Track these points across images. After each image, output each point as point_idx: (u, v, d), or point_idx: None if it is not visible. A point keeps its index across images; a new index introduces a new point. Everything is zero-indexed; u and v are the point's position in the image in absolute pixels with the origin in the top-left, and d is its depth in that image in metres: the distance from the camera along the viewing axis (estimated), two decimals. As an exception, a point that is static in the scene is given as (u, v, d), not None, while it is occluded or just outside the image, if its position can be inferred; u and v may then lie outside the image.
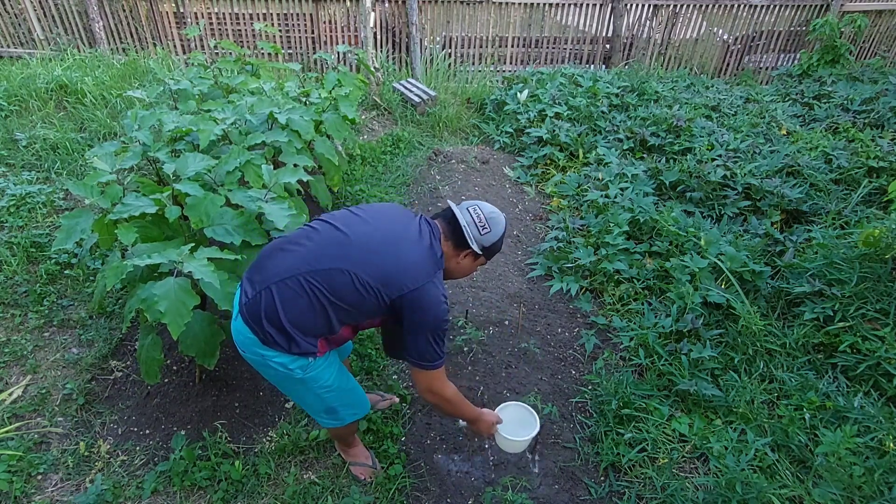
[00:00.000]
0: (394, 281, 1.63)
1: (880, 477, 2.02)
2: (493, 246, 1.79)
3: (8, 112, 4.47)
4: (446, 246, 1.77)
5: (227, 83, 3.31)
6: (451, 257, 1.79)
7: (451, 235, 1.77)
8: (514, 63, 6.67)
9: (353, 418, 1.96)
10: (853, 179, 3.88)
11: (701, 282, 2.96)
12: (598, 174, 4.09)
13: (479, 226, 1.75)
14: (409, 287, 1.62)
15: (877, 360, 2.47)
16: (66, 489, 2.17)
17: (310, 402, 1.87)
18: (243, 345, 1.73)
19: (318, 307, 1.63)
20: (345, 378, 1.89)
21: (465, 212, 1.77)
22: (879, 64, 6.45)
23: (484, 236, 1.75)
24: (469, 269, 1.84)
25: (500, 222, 1.79)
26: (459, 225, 1.74)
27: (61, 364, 2.67)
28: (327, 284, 1.62)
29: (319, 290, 1.62)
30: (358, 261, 1.63)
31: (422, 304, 1.64)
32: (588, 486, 2.26)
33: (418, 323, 1.66)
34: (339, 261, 1.63)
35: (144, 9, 5.89)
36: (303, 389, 1.80)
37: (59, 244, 2.09)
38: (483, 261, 1.84)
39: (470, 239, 1.74)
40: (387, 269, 1.63)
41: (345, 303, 1.64)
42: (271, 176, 2.31)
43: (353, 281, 1.62)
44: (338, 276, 1.62)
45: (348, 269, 1.62)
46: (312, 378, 1.75)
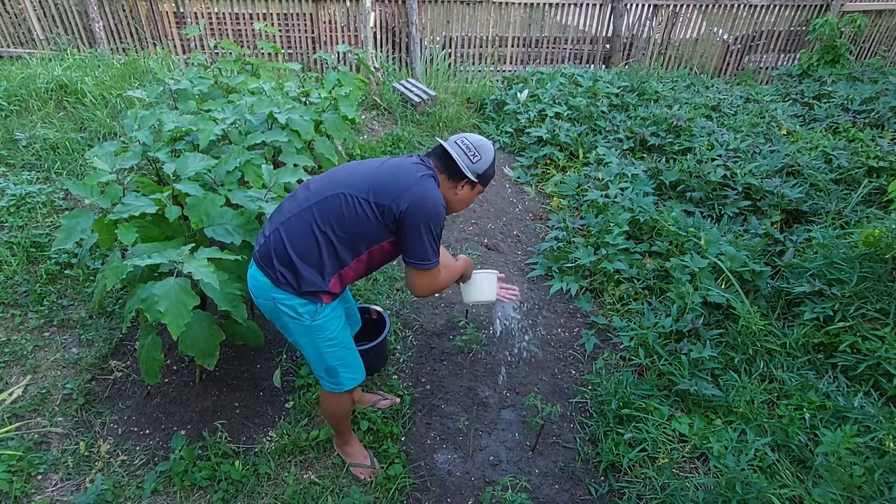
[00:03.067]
0: (385, 188, 1.72)
1: (880, 477, 2.02)
2: (487, 172, 1.86)
3: (8, 112, 4.47)
4: (442, 179, 1.84)
5: (227, 83, 3.31)
6: (448, 189, 1.86)
7: (445, 169, 1.84)
8: (514, 63, 6.67)
9: (352, 383, 2.00)
10: (853, 179, 3.88)
11: (701, 282, 2.96)
12: (598, 174, 4.09)
13: (469, 155, 1.82)
14: (403, 187, 1.71)
15: (877, 360, 2.47)
16: (66, 489, 2.17)
17: (313, 357, 1.93)
18: (257, 289, 1.82)
19: (323, 239, 1.73)
20: (347, 336, 1.97)
21: (454, 144, 1.84)
22: (879, 64, 6.45)
23: (476, 164, 1.83)
24: (469, 198, 1.92)
25: (489, 148, 1.86)
26: (452, 158, 1.81)
27: (61, 364, 2.67)
28: (326, 212, 1.73)
29: (322, 219, 1.72)
30: (350, 183, 1.75)
31: (415, 198, 1.71)
32: (588, 486, 2.26)
33: (413, 217, 1.71)
34: (333, 188, 1.75)
35: (144, 9, 5.88)
36: (308, 340, 1.86)
37: (59, 244, 2.09)
38: (480, 189, 1.92)
39: (464, 168, 1.81)
40: (378, 181, 1.74)
41: (346, 227, 1.73)
42: (271, 176, 2.31)
43: (348, 201, 1.72)
44: (333, 201, 1.73)
45: (342, 192, 1.73)
46: (318, 327, 1.83)
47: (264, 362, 2.68)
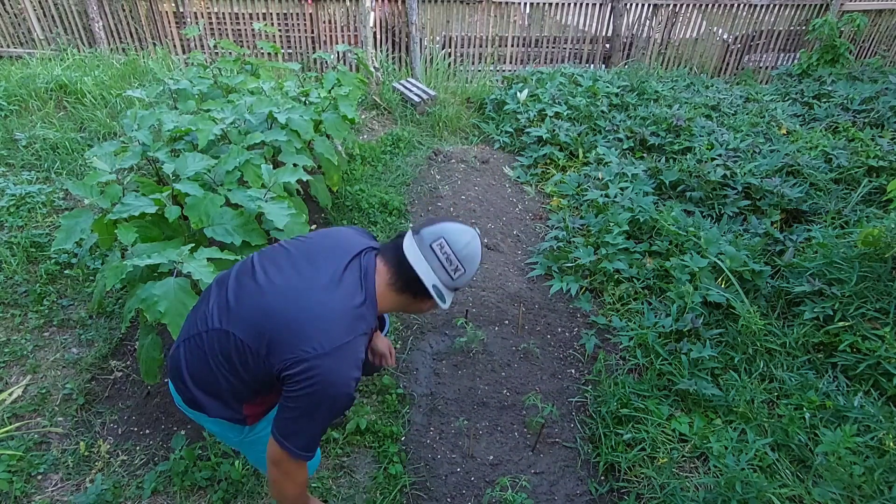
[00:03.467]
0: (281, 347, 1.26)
1: (880, 476, 2.02)
2: (466, 280, 1.40)
3: (8, 112, 4.47)
4: (396, 292, 1.39)
5: (226, 83, 3.31)
6: (406, 303, 1.43)
7: (405, 286, 1.38)
8: (513, 63, 6.66)
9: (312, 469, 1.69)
10: (853, 179, 3.88)
11: (701, 281, 2.96)
12: (598, 174, 4.09)
13: (450, 270, 1.34)
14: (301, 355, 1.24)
15: (877, 360, 2.48)
16: (66, 489, 2.17)
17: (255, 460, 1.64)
18: (177, 402, 1.51)
19: (217, 372, 1.37)
20: None
21: (429, 251, 1.33)
22: (879, 63, 6.45)
23: (457, 279, 1.36)
24: (431, 307, 1.47)
25: (476, 255, 1.37)
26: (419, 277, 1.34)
27: (61, 364, 2.67)
28: (218, 348, 1.35)
29: (215, 354, 1.36)
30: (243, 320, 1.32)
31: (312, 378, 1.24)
32: (588, 485, 2.26)
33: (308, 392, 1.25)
34: (227, 320, 1.35)
35: (144, 8, 5.88)
36: (245, 450, 1.58)
37: (58, 244, 2.09)
38: None
39: (437, 287, 1.35)
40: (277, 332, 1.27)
41: (235, 370, 1.35)
42: (271, 176, 2.31)
43: (237, 345, 1.31)
44: (224, 338, 1.34)
45: (232, 331, 1.32)
46: (255, 441, 1.53)
47: (264, 362, 2.68)
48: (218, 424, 1.49)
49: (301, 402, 1.27)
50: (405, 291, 1.39)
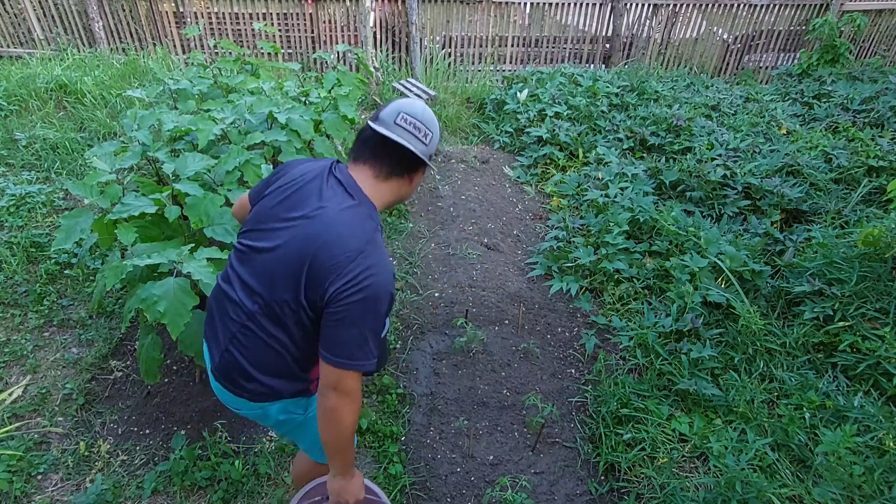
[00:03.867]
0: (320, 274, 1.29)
1: (880, 476, 2.02)
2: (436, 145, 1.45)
3: (8, 112, 4.47)
4: (390, 183, 1.43)
5: (226, 83, 3.30)
6: (402, 187, 1.46)
7: (394, 167, 1.41)
8: (513, 63, 6.66)
9: None
10: (853, 179, 3.88)
11: (701, 281, 2.96)
12: (598, 174, 4.09)
13: (420, 136, 1.39)
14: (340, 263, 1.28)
15: (877, 360, 2.48)
16: (66, 489, 2.17)
17: (310, 440, 1.67)
18: (235, 404, 1.54)
19: (283, 349, 1.41)
20: None
21: (397, 127, 1.37)
22: (879, 63, 6.44)
23: (430, 144, 1.41)
24: (418, 184, 1.53)
25: (433, 117, 1.43)
26: (399, 149, 1.38)
27: (61, 364, 2.67)
28: (271, 323, 1.38)
29: (271, 331, 1.39)
30: (276, 283, 1.35)
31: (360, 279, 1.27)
32: (588, 485, 2.26)
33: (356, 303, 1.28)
34: (262, 296, 1.37)
35: (144, 8, 5.88)
36: (302, 430, 1.62)
37: (58, 244, 2.09)
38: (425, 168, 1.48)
39: (422, 155, 1.39)
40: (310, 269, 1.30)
41: (293, 336, 1.38)
42: (271, 176, 2.31)
43: (284, 309, 1.35)
44: (270, 311, 1.37)
45: (273, 300, 1.36)
46: (313, 417, 1.56)
47: (264, 362, 2.68)
48: (285, 410, 1.52)
49: (357, 311, 1.28)
50: (391, 176, 1.42)
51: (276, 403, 1.50)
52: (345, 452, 1.42)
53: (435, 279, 3.27)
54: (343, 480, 1.47)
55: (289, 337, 1.39)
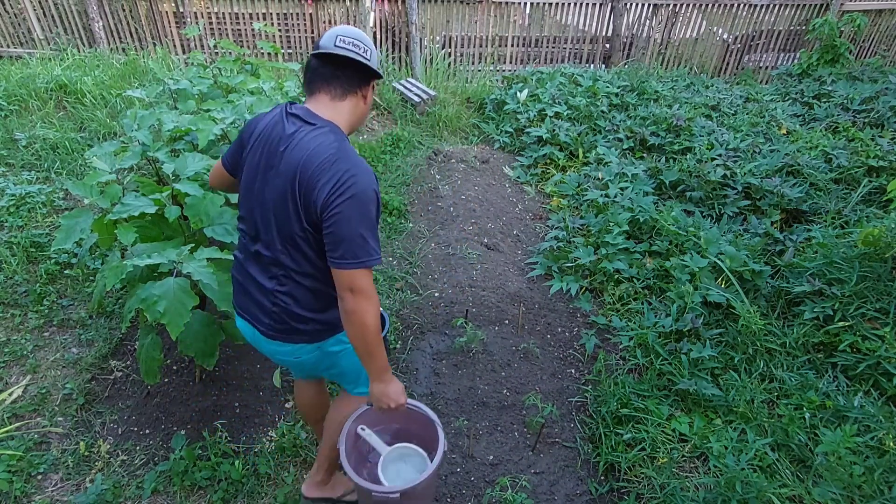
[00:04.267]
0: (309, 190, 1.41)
1: (880, 476, 2.02)
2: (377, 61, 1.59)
3: (8, 112, 4.47)
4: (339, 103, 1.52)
5: (226, 83, 3.30)
6: (359, 103, 1.56)
7: (347, 82, 1.51)
8: (513, 62, 6.66)
9: None
10: (853, 179, 3.88)
11: (701, 281, 2.96)
12: (598, 174, 4.09)
13: (360, 52, 1.49)
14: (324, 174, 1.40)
15: (877, 360, 2.47)
16: (66, 489, 2.17)
17: (355, 371, 1.79)
18: (294, 354, 1.66)
19: (315, 284, 1.55)
20: None
21: (337, 48, 1.47)
22: (879, 63, 6.44)
23: (371, 58, 1.52)
24: (371, 101, 1.62)
25: (366, 36, 1.54)
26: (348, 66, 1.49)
27: (61, 364, 2.67)
28: (295, 265, 1.52)
29: (299, 274, 1.54)
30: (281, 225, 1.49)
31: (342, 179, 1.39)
32: (588, 485, 2.26)
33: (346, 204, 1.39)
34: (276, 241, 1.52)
35: (144, 8, 5.88)
36: (353, 359, 1.69)
37: (58, 244, 2.09)
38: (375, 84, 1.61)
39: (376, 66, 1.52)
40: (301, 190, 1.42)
41: (318, 265, 1.52)
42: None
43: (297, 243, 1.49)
44: (282, 255, 1.52)
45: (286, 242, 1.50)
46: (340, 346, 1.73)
47: (264, 362, 2.68)
48: (339, 341, 1.68)
49: (353, 206, 1.40)
50: (346, 95, 1.52)
51: (331, 337, 1.65)
52: (375, 354, 1.53)
53: (435, 279, 3.27)
54: (381, 385, 1.58)
55: (316, 269, 1.53)
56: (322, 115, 1.50)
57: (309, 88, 1.54)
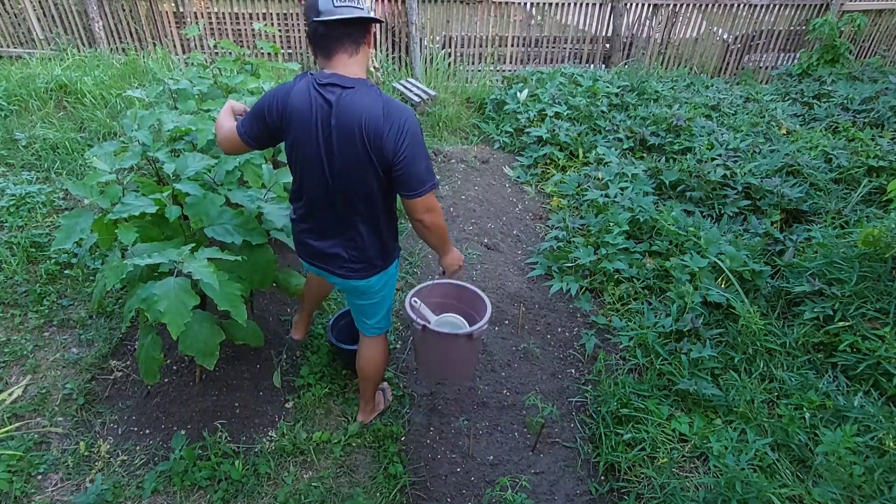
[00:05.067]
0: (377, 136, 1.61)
1: (880, 476, 2.02)
2: None
3: (8, 112, 4.47)
4: (357, 57, 1.66)
5: (226, 83, 3.31)
6: (365, 55, 1.69)
7: (355, 42, 1.64)
8: (513, 63, 6.67)
9: None
10: (853, 179, 3.88)
11: (701, 281, 2.96)
12: (598, 174, 4.09)
13: (357, 4, 1.60)
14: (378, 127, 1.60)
15: (877, 360, 2.47)
16: (66, 489, 2.17)
17: (385, 306, 2.10)
18: (367, 286, 1.96)
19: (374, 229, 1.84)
20: None
21: (339, 9, 1.57)
22: (879, 63, 6.44)
23: (365, 8, 1.63)
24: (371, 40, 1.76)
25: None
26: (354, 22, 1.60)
27: (61, 364, 2.67)
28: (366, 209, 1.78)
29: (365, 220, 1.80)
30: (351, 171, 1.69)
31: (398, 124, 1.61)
32: (588, 485, 2.26)
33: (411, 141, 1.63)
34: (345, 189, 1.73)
35: (144, 8, 5.88)
36: (390, 289, 2.05)
37: (58, 244, 2.09)
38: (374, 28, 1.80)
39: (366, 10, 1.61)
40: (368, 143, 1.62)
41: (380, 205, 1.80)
42: (271, 175, 2.31)
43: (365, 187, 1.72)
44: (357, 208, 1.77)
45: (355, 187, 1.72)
46: (395, 270, 2.05)
47: (264, 362, 2.68)
48: (396, 265, 2.03)
49: (414, 145, 1.65)
50: (359, 48, 1.66)
51: (383, 272, 1.96)
52: (447, 240, 1.96)
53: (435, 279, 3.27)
54: (452, 254, 2.04)
55: (381, 212, 1.82)
56: (349, 74, 1.64)
57: (325, 53, 1.66)
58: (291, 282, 2.47)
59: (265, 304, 2.97)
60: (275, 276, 2.25)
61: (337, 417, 2.50)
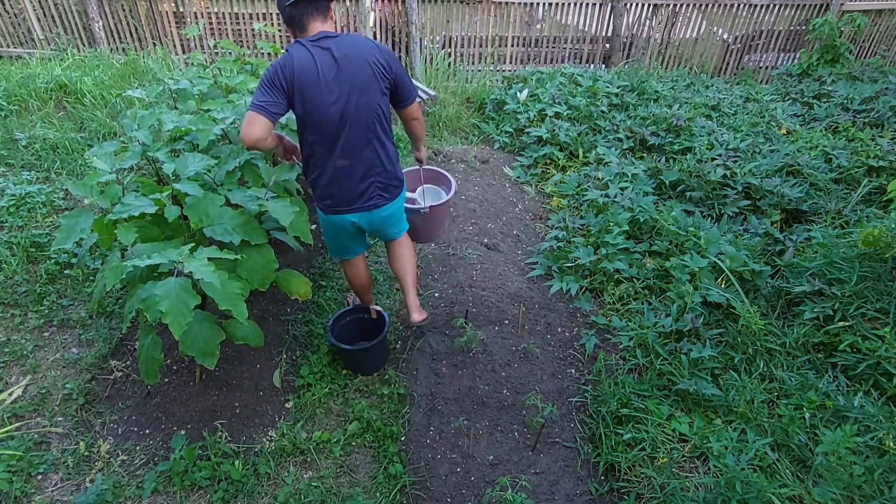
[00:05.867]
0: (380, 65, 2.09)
1: (880, 476, 2.02)
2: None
3: (8, 112, 4.47)
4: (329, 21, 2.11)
5: (226, 83, 3.31)
6: (332, 19, 2.16)
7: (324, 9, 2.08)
8: (513, 62, 6.67)
9: None
10: (853, 179, 3.88)
11: (701, 281, 2.96)
12: (598, 174, 4.09)
13: None
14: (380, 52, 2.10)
15: (877, 360, 2.47)
16: (66, 489, 2.17)
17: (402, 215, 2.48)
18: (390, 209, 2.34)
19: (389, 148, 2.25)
20: None
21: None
22: (879, 63, 6.44)
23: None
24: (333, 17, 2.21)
25: None
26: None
27: (61, 364, 2.67)
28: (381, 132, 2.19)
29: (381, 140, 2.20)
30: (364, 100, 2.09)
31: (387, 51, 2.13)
32: (588, 485, 2.26)
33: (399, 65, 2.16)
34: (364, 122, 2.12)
35: (144, 8, 5.88)
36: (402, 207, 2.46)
37: (58, 244, 2.09)
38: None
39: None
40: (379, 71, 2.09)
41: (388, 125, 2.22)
42: (270, 175, 2.31)
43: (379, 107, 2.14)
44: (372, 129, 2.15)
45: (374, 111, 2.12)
46: None
47: (264, 362, 2.68)
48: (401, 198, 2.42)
49: (400, 65, 2.18)
50: (326, 17, 2.10)
51: (402, 192, 2.40)
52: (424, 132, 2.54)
53: (435, 279, 3.27)
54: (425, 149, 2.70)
55: (389, 129, 2.22)
56: (327, 32, 2.06)
57: (301, 27, 2.05)
58: (291, 282, 2.47)
59: (265, 304, 2.97)
60: (275, 276, 2.25)
61: (337, 417, 2.51)
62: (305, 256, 3.35)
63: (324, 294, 3.12)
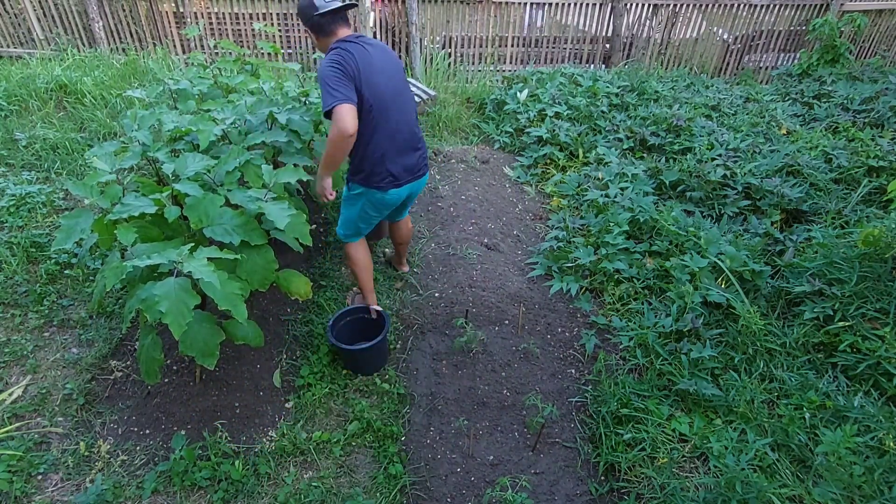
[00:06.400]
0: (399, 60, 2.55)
1: (880, 476, 2.02)
2: None
3: (8, 112, 4.47)
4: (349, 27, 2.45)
5: (226, 83, 3.31)
6: None
7: (344, 19, 2.43)
8: (513, 63, 6.66)
9: None
10: (853, 179, 3.88)
11: (701, 281, 2.96)
12: (598, 174, 4.09)
13: None
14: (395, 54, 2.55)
15: (877, 360, 2.47)
16: (66, 489, 2.17)
17: None
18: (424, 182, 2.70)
19: (419, 127, 2.62)
20: None
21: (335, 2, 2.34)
22: (879, 63, 6.44)
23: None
24: None
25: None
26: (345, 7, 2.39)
27: (61, 364, 2.67)
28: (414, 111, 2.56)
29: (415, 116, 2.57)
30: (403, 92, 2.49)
31: None
32: (588, 485, 2.26)
33: None
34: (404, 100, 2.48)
35: (144, 8, 5.88)
36: None
37: (58, 244, 2.09)
38: None
39: None
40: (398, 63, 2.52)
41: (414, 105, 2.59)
42: (271, 176, 2.31)
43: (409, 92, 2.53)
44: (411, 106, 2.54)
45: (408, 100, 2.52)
46: None
47: (264, 362, 2.69)
48: None
49: None
50: (349, 21, 2.46)
51: None
52: None
53: (435, 279, 3.27)
54: None
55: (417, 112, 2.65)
56: None
57: (330, 32, 2.39)
58: (291, 282, 2.47)
59: (265, 304, 2.97)
60: (275, 276, 2.25)
61: (337, 417, 2.51)
62: (305, 256, 3.35)
63: (324, 294, 3.12)
